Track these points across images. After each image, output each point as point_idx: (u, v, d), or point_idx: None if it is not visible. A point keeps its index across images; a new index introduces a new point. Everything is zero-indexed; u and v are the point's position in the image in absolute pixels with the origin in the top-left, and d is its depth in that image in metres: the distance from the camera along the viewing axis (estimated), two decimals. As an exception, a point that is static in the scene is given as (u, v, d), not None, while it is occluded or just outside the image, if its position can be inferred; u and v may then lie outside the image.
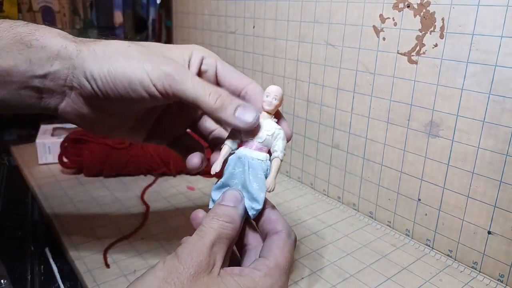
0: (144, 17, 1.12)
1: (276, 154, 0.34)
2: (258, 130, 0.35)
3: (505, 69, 0.42)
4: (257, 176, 0.34)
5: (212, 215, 0.33)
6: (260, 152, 0.35)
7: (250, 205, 0.34)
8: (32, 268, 0.47)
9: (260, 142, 0.34)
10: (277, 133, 0.34)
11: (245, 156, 0.34)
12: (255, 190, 0.33)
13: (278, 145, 0.34)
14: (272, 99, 0.34)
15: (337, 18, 0.58)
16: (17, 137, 0.90)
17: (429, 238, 0.53)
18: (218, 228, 0.31)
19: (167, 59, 0.34)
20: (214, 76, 0.39)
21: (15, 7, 0.95)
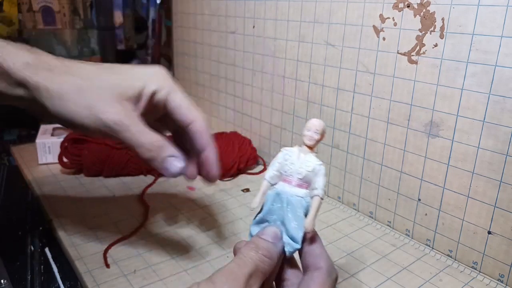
0: (144, 17, 1.12)
1: (316, 192, 0.33)
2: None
3: (505, 69, 0.42)
4: (296, 214, 0.33)
5: (252, 247, 0.32)
6: (299, 189, 0.34)
7: (288, 243, 0.33)
8: (32, 268, 0.47)
9: (300, 178, 0.34)
10: (317, 169, 0.33)
11: (284, 192, 0.34)
12: (294, 229, 0.33)
13: (319, 182, 0.33)
14: (313, 134, 0.34)
15: (337, 18, 0.58)
16: (17, 137, 0.90)
17: (429, 238, 0.53)
18: (257, 260, 0.31)
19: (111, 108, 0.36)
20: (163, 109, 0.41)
21: (15, 7, 0.95)
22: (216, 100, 0.89)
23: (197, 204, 0.62)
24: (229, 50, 0.82)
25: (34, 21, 0.98)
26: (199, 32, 0.90)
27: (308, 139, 0.34)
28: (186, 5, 0.93)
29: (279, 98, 0.71)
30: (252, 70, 0.76)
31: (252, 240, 0.33)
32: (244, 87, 0.80)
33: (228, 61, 0.82)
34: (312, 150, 0.34)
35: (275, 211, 0.34)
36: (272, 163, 0.35)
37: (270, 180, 0.35)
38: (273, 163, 0.35)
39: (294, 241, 0.33)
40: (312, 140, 0.34)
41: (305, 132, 0.34)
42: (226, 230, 0.55)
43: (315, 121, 0.34)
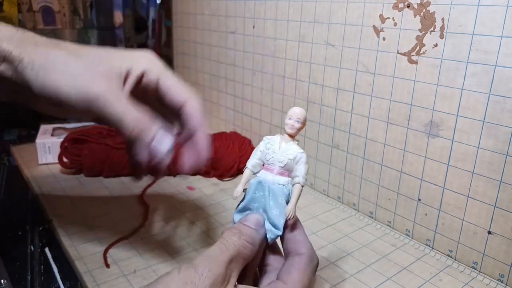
0: (144, 17, 1.12)
1: (297, 179, 0.34)
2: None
3: (505, 69, 0.42)
4: (278, 202, 0.34)
5: (235, 232, 0.32)
6: (281, 177, 0.34)
7: (270, 229, 0.33)
8: (32, 268, 0.47)
9: (281, 167, 0.34)
10: (299, 157, 0.34)
11: (265, 180, 0.34)
12: (275, 216, 0.33)
13: (300, 170, 0.34)
14: (295, 122, 0.34)
15: (337, 18, 0.58)
16: (17, 137, 0.90)
17: (429, 238, 0.53)
18: (239, 246, 0.31)
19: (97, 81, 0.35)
20: (155, 91, 0.39)
21: (15, 7, 0.95)
22: (216, 100, 0.89)
23: (197, 204, 0.62)
24: (229, 50, 0.82)
25: (34, 21, 0.98)
26: (199, 32, 0.90)
27: (289, 128, 0.34)
28: (186, 5, 0.93)
29: (279, 98, 0.71)
30: (252, 70, 0.76)
31: (235, 226, 0.33)
32: (244, 87, 0.80)
33: (228, 61, 0.82)
34: (294, 139, 0.35)
35: (257, 199, 0.34)
36: (254, 151, 0.36)
37: (252, 168, 0.35)
38: (255, 152, 0.36)
39: (276, 228, 0.33)
40: (294, 129, 0.34)
41: (287, 120, 0.34)
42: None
43: (296, 109, 0.34)
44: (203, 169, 0.43)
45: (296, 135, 0.35)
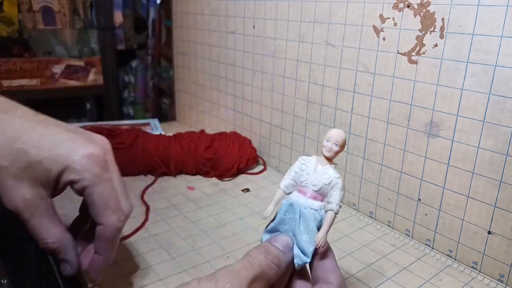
0: (144, 17, 1.12)
1: (331, 206, 0.32)
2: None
3: (505, 69, 0.42)
4: (309, 227, 0.32)
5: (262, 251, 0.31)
6: (314, 201, 0.33)
7: (298, 255, 0.32)
8: (32, 268, 0.47)
9: (315, 190, 0.33)
10: (334, 182, 0.32)
11: (297, 204, 0.33)
12: (305, 242, 0.32)
13: (335, 196, 0.32)
14: (333, 145, 0.32)
15: (337, 18, 0.58)
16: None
17: (429, 238, 0.53)
18: (264, 266, 0.30)
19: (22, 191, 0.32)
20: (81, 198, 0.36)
21: (15, 7, 0.95)
22: (216, 100, 0.89)
23: (197, 204, 0.62)
24: (229, 50, 0.81)
25: (34, 21, 0.98)
26: (199, 32, 0.90)
27: (327, 151, 0.33)
28: (186, 5, 0.93)
29: (279, 98, 0.71)
30: (252, 70, 0.76)
31: (262, 244, 0.32)
32: (244, 87, 0.79)
33: (228, 61, 0.82)
34: (331, 162, 0.33)
35: (287, 221, 0.33)
36: (288, 171, 0.34)
37: (284, 189, 0.34)
38: (289, 172, 0.34)
39: (304, 254, 0.32)
40: (331, 152, 0.33)
41: (324, 142, 0.33)
42: (226, 230, 0.55)
43: (335, 131, 0.33)
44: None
45: (333, 158, 0.33)
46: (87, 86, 1.09)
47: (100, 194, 0.34)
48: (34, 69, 1.00)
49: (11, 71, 0.97)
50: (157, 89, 1.16)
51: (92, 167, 0.33)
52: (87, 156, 0.33)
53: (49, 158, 0.32)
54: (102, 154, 0.34)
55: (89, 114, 1.16)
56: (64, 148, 0.32)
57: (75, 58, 1.06)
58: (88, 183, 0.33)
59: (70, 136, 0.33)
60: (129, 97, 1.20)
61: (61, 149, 0.32)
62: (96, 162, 0.33)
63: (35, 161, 0.31)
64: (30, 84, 0.99)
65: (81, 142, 0.33)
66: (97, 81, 1.10)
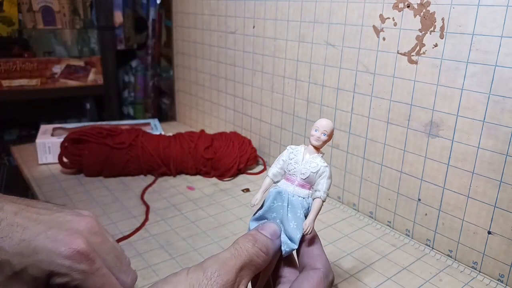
0: (144, 17, 1.12)
1: (319, 194, 0.33)
2: None
3: (505, 69, 0.42)
4: (296, 215, 0.33)
5: (250, 239, 0.31)
6: (302, 189, 0.33)
7: (285, 242, 0.32)
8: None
9: (303, 179, 0.33)
10: (322, 170, 0.33)
11: (285, 192, 0.33)
12: (292, 229, 0.32)
13: (322, 185, 0.33)
14: (321, 134, 0.33)
15: (337, 18, 0.58)
16: (17, 137, 0.90)
17: (429, 238, 0.53)
18: (253, 253, 0.30)
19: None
20: None
21: (15, 7, 0.95)
22: (216, 100, 0.89)
23: (197, 204, 0.62)
24: (229, 50, 0.82)
25: (34, 21, 0.98)
26: (199, 32, 0.90)
27: (315, 140, 0.33)
28: (186, 5, 0.93)
29: (279, 98, 0.71)
30: (252, 70, 0.76)
31: (250, 232, 0.32)
32: (244, 87, 0.80)
33: (228, 61, 0.82)
34: (319, 151, 0.34)
35: (275, 209, 0.33)
36: (276, 160, 0.35)
37: (272, 177, 0.34)
38: (277, 161, 0.35)
39: (292, 241, 0.32)
40: (319, 141, 0.33)
41: (313, 132, 0.33)
42: (226, 230, 0.55)
43: (323, 121, 0.33)
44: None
45: (321, 147, 0.34)
46: (87, 86, 1.09)
47: (94, 286, 0.32)
48: (34, 69, 1.00)
49: (11, 71, 0.97)
50: (157, 89, 1.16)
51: (78, 266, 0.31)
52: (71, 256, 0.31)
53: (32, 265, 0.30)
54: (87, 245, 0.32)
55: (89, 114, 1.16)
56: (46, 251, 0.30)
57: (75, 58, 1.06)
58: (78, 282, 0.31)
59: (51, 234, 0.31)
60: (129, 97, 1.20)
61: (42, 253, 0.30)
62: (81, 259, 0.31)
63: (19, 270, 0.30)
64: (30, 84, 0.99)
65: (62, 236, 0.31)
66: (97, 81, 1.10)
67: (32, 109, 1.08)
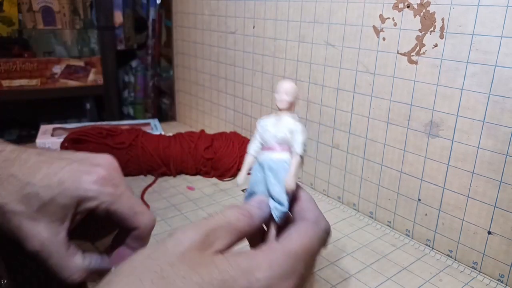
0: (144, 17, 1.12)
1: (294, 149, 0.32)
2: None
3: (505, 69, 0.42)
4: (279, 178, 0.32)
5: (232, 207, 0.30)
6: (280, 152, 0.33)
7: (275, 207, 0.32)
8: (32, 268, 0.47)
9: (279, 143, 0.33)
10: (293, 128, 0.33)
11: (265, 160, 0.33)
12: (278, 192, 0.32)
13: (297, 140, 0.32)
14: (283, 95, 0.33)
15: (337, 18, 0.58)
16: (17, 137, 0.90)
17: (429, 238, 0.53)
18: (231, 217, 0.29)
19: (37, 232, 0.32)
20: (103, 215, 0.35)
21: (15, 7, 0.95)
22: (216, 100, 0.89)
23: (197, 204, 0.62)
24: (229, 50, 0.82)
25: (34, 21, 0.98)
26: (199, 32, 0.90)
27: (279, 103, 0.33)
28: (186, 5, 0.93)
29: (279, 98, 0.71)
30: (252, 70, 0.76)
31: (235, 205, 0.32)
32: (244, 87, 0.80)
33: (228, 61, 0.82)
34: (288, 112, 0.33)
35: (260, 180, 0.33)
36: (253, 136, 0.35)
37: (253, 153, 0.34)
38: (253, 137, 0.35)
39: (280, 204, 0.32)
40: (284, 102, 0.33)
41: (276, 96, 0.33)
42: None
43: (283, 83, 0.33)
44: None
45: (290, 109, 0.33)
46: (87, 86, 1.09)
47: (124, 206, 0.34)
48: (34, 69, 1.00)
49: (11, 71, 0.97)
50: (157, 89, 1.16)
51: (104, 189, 0.33)
52: (96, 181, 0.33)
53: (60, 194, 0.32)
54: (109, 173, 0.35)
55: (89, 114, 1.16)
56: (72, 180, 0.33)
57: (75, 58, 1.06)
58: (107, 204, 0.33)
59: (75, 167, 0.34)
60: (129, 97, 1.20)
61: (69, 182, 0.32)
62: (106, 183, 0.34)
63: (47, 201, 0.32)
64: (30, 84, 0.99)
65: (87, 169, 0.34)
66: (97, 81, 1.10)
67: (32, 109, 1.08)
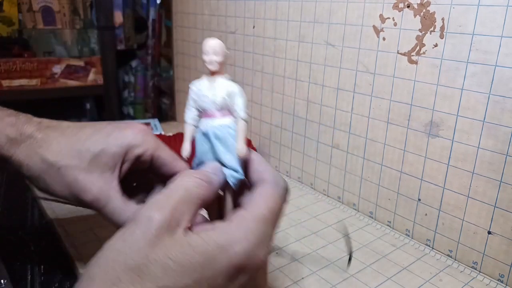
0: (144, 17, 1.12)
1: (237, 114, 0.31)
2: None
3: (505, 69, 0.42)
4: (228, 145, 0.31)
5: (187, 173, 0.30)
6: (222, 119, 0.31)
7: (230, 174, 0.31)
8: (32, 268, 0.47)
9: (218, 107, 0.31)
10: (231, 91, 0.31)
11: (209, 129, 0.31)
12: (230, 160, 0.31)
13: (238, 104, 0.31)
14: (213, 56, 0.31)
15: (337, 18, 0.58)
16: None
17: (429, 238, 0.53)
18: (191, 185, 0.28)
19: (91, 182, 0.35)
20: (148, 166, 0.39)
21: (15, 7, 0.95)
22: (216, 100, 0.89)
23: (197, 204, 0.62)
24: (229, 50, 0.81)
25: (34, 21, 0.98)
26: (199, 32, 0.90)
27: (209, 64, 0.31)
28: (186, 5, 0.93)
29: (279, 98, 0.71)
30: (252, 70, 0.76)
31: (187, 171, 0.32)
32: (244, 87, 0.79)
33: (228, 61, 0.82)
34: (221, 74, 0.32)
35: (207, 150, 0.32)
36: (187, 103, 0.33)
37: (192, 121, 0.33)
38: (187, 103, 0.33)
39: (236, 171, 0.31)
40: (214, 64, 0.31)
41: (204, 57, 0.31)
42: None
43: (210, 41, 0.31)
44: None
45: (221, 70, 0.32)
46: (87, 86, 1.09)
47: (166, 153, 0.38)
48: (34, 69, 1.00)
49: (11, 71, 0.97)
50: (157, 89, 1.16)
51: (148, 138, 0.38)
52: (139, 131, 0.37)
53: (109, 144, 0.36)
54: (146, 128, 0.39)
55: (89, 114, 1.16)
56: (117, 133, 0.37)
57: (75, 58, 1.06)
58: (152, 150, 0.37)
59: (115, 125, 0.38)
60: (129, 97, 1.20)
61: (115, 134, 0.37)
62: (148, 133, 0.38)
63: (98, 152, 0.35)
64: (30, 84, 0.99)
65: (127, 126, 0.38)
66: (97, 81, 1.10)
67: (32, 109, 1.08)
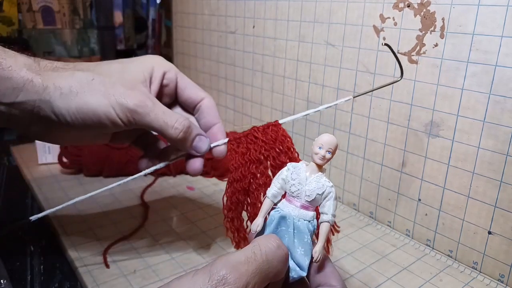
0: (144, 17, 1.12)
1: (326, 217, 0.31)
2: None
3: (505, 69, 0.42)
4: (303, 240, 0.31)
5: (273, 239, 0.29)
6: (306, 211, 0.31)
7: (293, 268, 0.31)
8: (32, 268, 0.47)
9: (308, 201, 0.31)
10: (328, 191, 0.31)
11: (290, 216, 0.31)
12: (300, 255, 0.31)
13: (329, 206, 0.31)
14: (326, 153, 0.31)
15: (337, 18, 0.58)
16: (17, 137, 0.90)
17: (429, 238, 0.53)
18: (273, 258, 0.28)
19: (129, 91, 0.37)
20: (174, 89, 0.43)
21: (15, 7, 0.95)
22: (216, 100, 0.89)
23: (197, 204, 0.62)
24: (229, 50, 0.81)
25: (34, 21, 0.98)
26: (199, 32, 0.90)
27: (319, 158, 0.31)
28: (186, 5, 0.93)
29: (279, 98, 0.71)
30: (252, 70, 0.76)
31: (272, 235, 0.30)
32: (244, 87, 0.79)
33: (228, 61, 0.82)
34: (321, 169, 0.32)
35: (279, 234, 0.31)
36: (275, 179, 0.32)
37: (273, 199, 0.32)
38: (276, 180, 0.32)
39: (300, 268, 0.31)
40: (324, 160, 0.31)
41: (316, 149, 0.31)
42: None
43: (328, 137, 0.31)
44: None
45: (324, 165, 0.31)
46: (87, 86, 1.09)
47: (188, 79, 0.44)
48: (34, 69, 0.99)
49: (11, 71, 0.97)
50: (157, 89, 1.16)
51: (167, 62, 0.43)
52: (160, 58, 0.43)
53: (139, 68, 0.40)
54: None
55: (89, 114, 1.16)
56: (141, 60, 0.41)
57: (75, 58, 1.06)
58: (180, 76, 0.43)
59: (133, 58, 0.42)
60: (129, 97, 1.20)
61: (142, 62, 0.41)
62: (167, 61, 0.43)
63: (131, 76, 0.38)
64: (30, 84, 0.99)
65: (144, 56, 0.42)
66: (97, 81, 1.10)
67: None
